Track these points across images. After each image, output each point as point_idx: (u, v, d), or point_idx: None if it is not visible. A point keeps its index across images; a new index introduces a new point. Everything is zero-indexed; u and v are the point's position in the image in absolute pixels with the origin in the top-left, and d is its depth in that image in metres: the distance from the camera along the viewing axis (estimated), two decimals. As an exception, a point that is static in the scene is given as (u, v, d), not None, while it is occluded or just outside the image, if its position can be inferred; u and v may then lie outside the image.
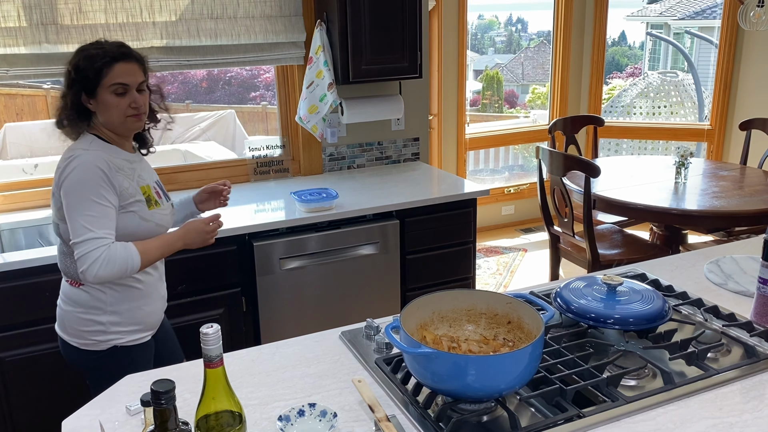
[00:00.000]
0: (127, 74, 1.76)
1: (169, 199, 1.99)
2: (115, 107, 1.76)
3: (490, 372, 1.25)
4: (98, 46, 1.77)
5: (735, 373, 1.43)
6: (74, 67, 1.76)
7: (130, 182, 1.80)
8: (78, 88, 1.76)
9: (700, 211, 3.21)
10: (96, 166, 1.73)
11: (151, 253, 1.79)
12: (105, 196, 1.73)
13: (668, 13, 11.98)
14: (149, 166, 1.97)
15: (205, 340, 1.03)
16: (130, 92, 1.77)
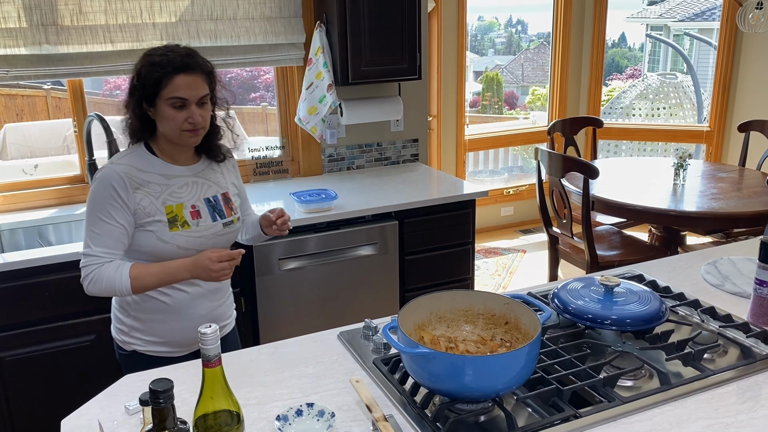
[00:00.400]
0: (187, 88, 1.67)
1: (222, 218, 1.83)
2: (171, 120, 1.69)
3: (487, 372, 1.26)
4: (164, 53, 1.69)
5: (731, 374, 1.44)
6: (137, 73, 1.71)
7: (152, 200, 1.72)
8: (138, 96, 1.70)
9: (699, 212, 3.22)
10: (110, 183, 1.69)
11: (146, 280, 1.70)
12: (111, 215, 1.68)
13: (668, 15, 12.00)
14: (210, 181, 1.84)
15: (204, 340, 1.03)
16: (188, 107, 1.68)
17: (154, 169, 1.75)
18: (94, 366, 2.38)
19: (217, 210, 1.83)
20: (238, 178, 1.98)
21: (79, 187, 2.83)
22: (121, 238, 1.70)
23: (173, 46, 1.73)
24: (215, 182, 1.85)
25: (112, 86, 8.08)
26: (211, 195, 1.83)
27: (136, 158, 1.75)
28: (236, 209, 1.90)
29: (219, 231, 1.83)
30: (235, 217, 1.88)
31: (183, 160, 1.81)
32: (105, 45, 2.65)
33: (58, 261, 2.25)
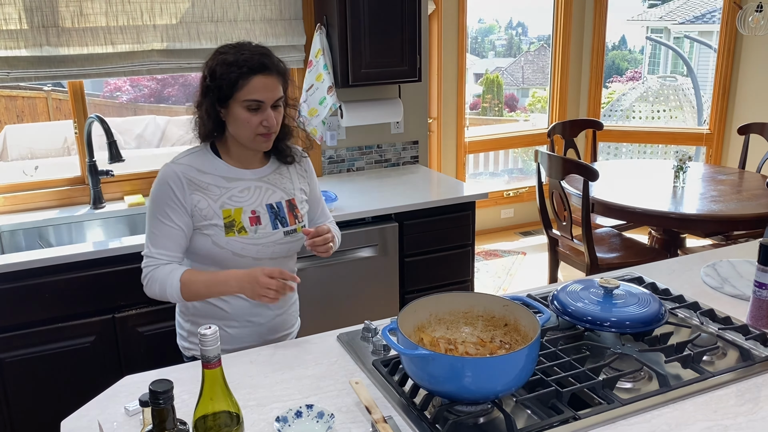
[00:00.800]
0: (264, 89, 1.61)
1: (284, 225, 1.75)
2: (245, 123, 1.63)
3: (486, 374, 1.26)
4: (239, 51, 1.62)
5: (730, 376, 1.44)
6: (210, 72, 1.63)
7: (210, 203, 1.67)
8: (212, 97, 1.63)
9: (698, 215, 3.23)
10: (167, 183, 1.65)
11: (196, 287, 1.64)
12: (170, 215, 1.65)
13: (668, 18, 12.01)
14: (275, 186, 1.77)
15: (203, 341, 1.04)
16: (264, 109, 1.63)
17: (215, 171, 1.70)
18: (94, 367, 2.38)
19: (280, 217, 1.75)
20: (310, 183, 1.89)
21: (79, 189, 2.83)
22: (179, 240, 1.67)
23: (246, 44, 1.66)
24: (281, 188, 1.78)
25: (113, 88, 8.11)
26: (274, 201, 1.75)
27: (198, 158, 1.70)
28: (302, 217, 1.80)
29: (279, 239, 1.75)
30: (299, 226, 1.78)
31: (250, 162, 1.75)
32: (105, 47, 2.65)
33: (58, 262, 2.25)
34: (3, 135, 5.27)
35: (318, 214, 1.95)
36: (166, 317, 2.45)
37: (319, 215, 1.95)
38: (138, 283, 2.36)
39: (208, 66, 1.65)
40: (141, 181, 2.92)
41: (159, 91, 8.36)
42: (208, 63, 1.65)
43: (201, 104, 1.66)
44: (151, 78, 8.33)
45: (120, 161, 2.61)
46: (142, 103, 7.97)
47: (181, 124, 5.90)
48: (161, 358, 2.43)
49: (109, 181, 2.84)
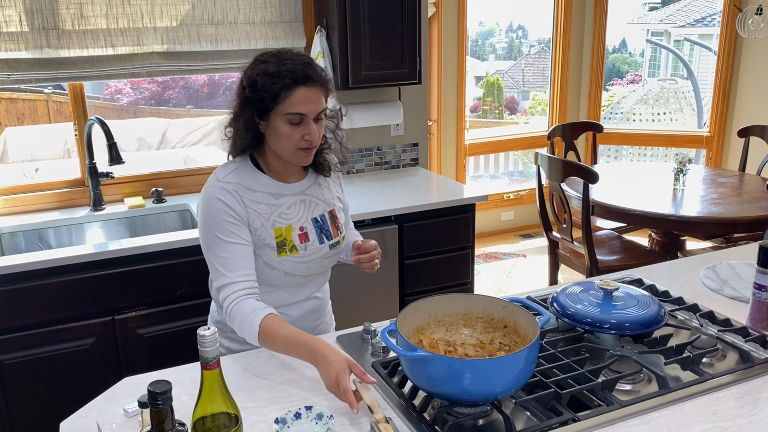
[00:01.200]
0: (307, 102, 1.52)
1: (329, 239, 1.70)
2: (286, 138, 1.54)
3: (485, 376, 1.26)
4: (281, 61, 1.52)
5: (729, 378, 1.44)
6: (250, 83, 1.53)
7: (263, 222, 1.60)
8: (252, 109, 1.54)
9: (699, 217, 3.23)
10: (219, 199, 1.54)
11: (274, 341, 1.47)
12: (233, 232, 1.54)
13: (669, 21, 12.01)
14: (317, 199, 1.71)
15: (202, 342, 1.04)
16: (306, 122, 1.54)
17: (263, 188, 1.61)
18: (94, 369, 2.38)
19: (324, 231, 1.70)
20: (343, 192, 1.85)
21: (79, 191, 2.84)
22: (250, 255, 1.56)
23: (288, 52, 1.56)
24: (322, 199, 1.72)
25: (114, 90, 8.12)
26: (318, 214, 1.70)
27: (242, 175, 1.60)
28: (341, 227, 1.76)
29: (326, 254, 1.70)
30: (341, 237, 1.74)
31: (290, 176, 1.68)
32: (106, 49, 2.66)
33: (57, 264, 2.25)
34: (3, 137, 5.27)
35: (344, 222, 1.89)
36: (165, 319, 2.45)
37: (345, 222, 1.90)
38: (137, 284, 2.38)
39: (247, 76, 1.55)
40: (141, 183, 2.92)
41: (160, 94, 8.37)
42: (247, 72, 1.55)
43: (239, 117, 1.57)
44: (151, 81, 8.33)
45: (120, 163, 2.61)
46: (143, 105, 7.98)
47: (182, 127, 5.91)
48: (161, 359, 2.44)
49: (109, 183, 2.84)
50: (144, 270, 2.38)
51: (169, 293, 2.44)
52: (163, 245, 2.37)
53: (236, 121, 1.58)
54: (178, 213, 2.86)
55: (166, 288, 2.43)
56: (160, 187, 2.89)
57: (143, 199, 2.87)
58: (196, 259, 2.46)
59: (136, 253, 2.35)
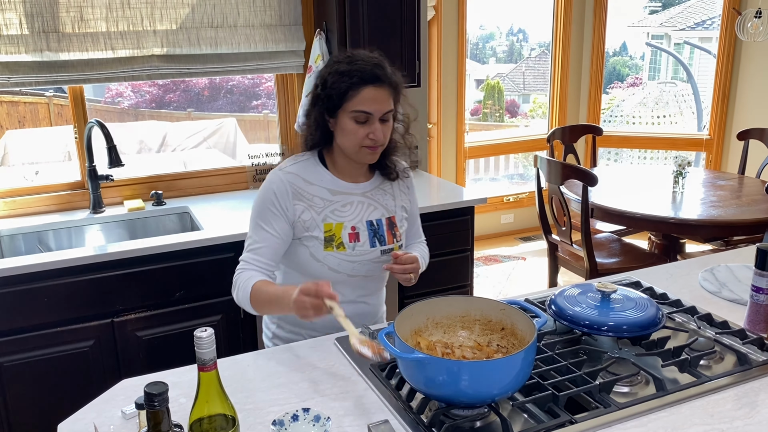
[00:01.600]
0: (373, 101, 1.57)
1: (382, 244, 1.73)
2: (351, 135, 1.60)
3: (482, 378, 1.26)
4: (353, 61, 1.59)
5: (727, 380, 1.44)
6: (322, 82, 1.61)
7: (313, 215, 1.66)
8: (322, 106, 1.61)
9: (698, 220, 3.23)
10: (272, 189, 1.65)
11: (262, 298, 1.59)
12: (270, 221, 1.65)
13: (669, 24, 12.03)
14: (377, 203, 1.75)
15: (199, 344, 1.04)
16: (371, 122, 1.59)
17: (321, 183, 1.68)
18: (93, 371, 2.38)
19: (378, 235, 1.72)
20: (411, 201, 1.87)
21: (79, 193, 2.84)
22: (276, 248, 1.66)
23: (362, 54, 1.62)
24: (383, 204, 1.75)
25: (114, 94, 8.13)
26: (375, 218, 1.73)
27: (305, 168, 1.68)
28: (400, 236, 1.77)
29: (375, 258, 1.72)
30: (397, 245, 1.75)
31: (355, 176, 1.73)
32: (106, 52, 2.67)
33: (57, 267, 2.25)
34: (4, 140, 5.28)
35: (412, 233, 1.91)
36: (164, 321, 2.45)
37: (414, 234, 1.92)
38: (136, 287, 2.38)
39: (321, 75, 1.63)
40: (141, 186, 2.93)
41: (160, 97, 8.39)
42: (322, 72, 1.64)
43: (310, 113, 1.66)
44: (152, 84, 8.35)
45: (120, 166, 2.61)
46: (144, 108, 7.99)
47: (182, 130, 5.92)
48: (160, 362, 2.44)
49: (108, 185, 2.85)
50: (143, 272, 2.39)
51: (169, 296, 2.45)
52: (163, 248, 2.38)
53: (308, 117, 1.68)
54: (177, 215, 2.87)
55: (165, 290, 2.44)
56: (159, 190, 2.89)
57: (143, 201, 2.87)
58: (196, 262, 2.46)
59: (135, 256, 2.35)
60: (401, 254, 1.68)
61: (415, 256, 1.71)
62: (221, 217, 2.69)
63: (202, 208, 2.83)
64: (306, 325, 1.76)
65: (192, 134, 5.79)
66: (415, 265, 1.69)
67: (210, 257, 2.47)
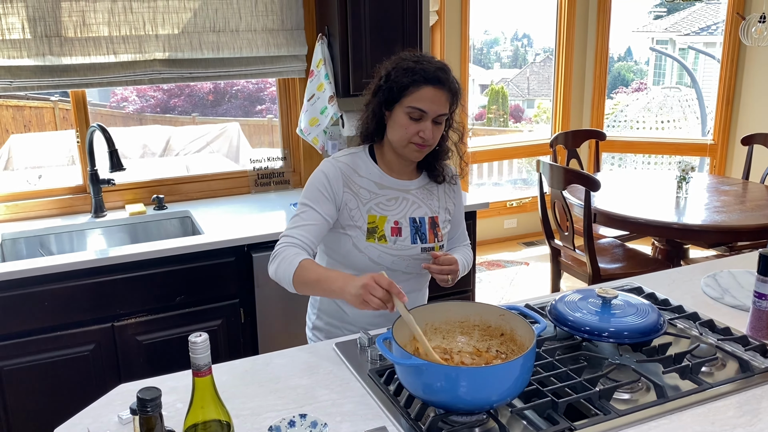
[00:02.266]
0: (431, 101, 1.62)
1: (423, 242, 1.74)
2: (402, 129, 1.65)
3: (481, 384, 1.25)
4: (419, 61, 1.65)
5: (729, 387, 1.43)
6: (386, 74, 1.67)
7: (359, 205, 1.71)
8: (381, 97, 1.67)
9: (701, 225, 3.21)
10: (324, 172, 1.72)
11: (308, 275, 1.58)
12: (318, 201, 1.69)
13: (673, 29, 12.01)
14: (421, 201, 1.77)
15: (194, 349, 1.03)
16: (424, 120, 1.64)
17: (369, 176, 1.74)
18: (93, 376, 2.38)
19: (420, 233, 1.75)
20: (456, 204, 1.88)
21: (80, 197, 2.84)
22: (321, 229, 1.69)
23: (428, 56, 1.69)
24: (427, 203, 1.79)
25: (120, 98, 8.15)
26: (418, 215, 1.76)
27: (356, 160, 1.75)
28: (442, 237, 1.79)
29: (416, 254, 1.74)
30: (437, 245, 1.77)
31: (402, 172, 1.77)
32: (108, 56, 2.67)
33: (57, 270, 2.25)
34: (8, 145, 5.30)
35: (456, 236, 1.93)
36: (165, 326, 2.45)
37: (458, 237, 1.94)
38: (137, 291, 2.38)
39: (384, 68, 1.69)
40: (142, 190, 2.93)
41: (165, 102, 8.41)
42: (386, 65, 1.69)
43: (369, 103, 1.72)
44: (157, 88, 8.37)
45: (121, 170, 2.61)
46: (149, 113, 8.02)
47: (185, 134, 5.93)
48: (160, 366, 2.43)
49: (110, 189, 2.85)
50: (144, 277, 2.38)
51: (169, 300, 2.44)
52: (163, 252, 2.37)
53: (366, 107, 1.73)
54: (178, 220, 2.86)
55: (165, 295, 2.43)
56: (161, 194, 2.89)
57: (144, 206, 2.87)
58: (196, 266, 2.46)
59: (135, 260, 2.35)
60: (441, 254, 1.71)
61: (454, 258, 1.73)
62: (222, 222, 2.69)
63: (203, 212, 2.83)
64: (344, 318, 1.81)
65: (195, 138, 5.80)
66: (453, 267, 1.71)
67: (211, 261, 2.47)
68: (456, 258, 1.75)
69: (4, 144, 5.30)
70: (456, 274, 1.75)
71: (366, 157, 1.77)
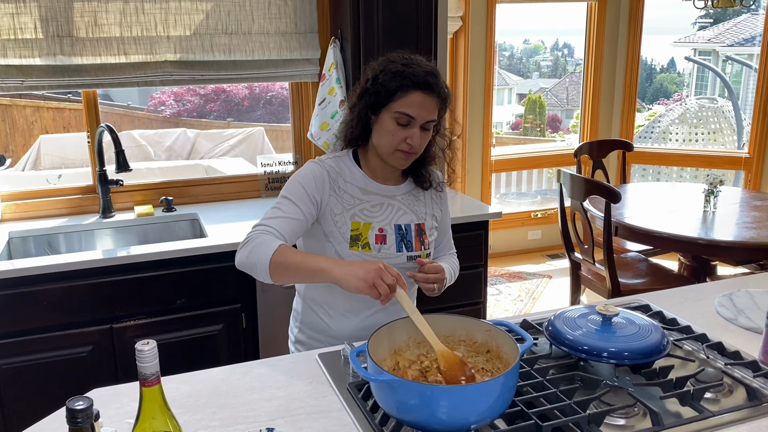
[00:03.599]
0: (419, 107, 1.56)
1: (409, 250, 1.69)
2: (389, 135, 1.58)
3: (458, 403, 1.17)
4: (407, 64, 1.58)
5: (734, 416, 1.32)
6: (373, 77, 1.61)
7: (342, 210, 1.64)
8: (367, 101, 1.61)
9: (729, 242, 3.06)
10: (311, 171, 1.64)
11: (292, 256, 1.49)
12: (299, 198, 1.60)
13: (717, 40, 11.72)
14: (407, 207, 1.71)
15: (141, 357, 0.98)
16: (412, 126, 1.57)
17: (353, 181, 1.68)
18: (91, 377, 2.36)
19: (406, 240, 1.69)
20: (443, 211, 1.83)
21: (90, 198, 2.84)
22: (298, 225, 1.59)
23: (416, 58, 1.62)
24: (413, 210, 1.72)
25: (157, 102, 8.27)
26: (404, 223, 1.69)
27: (340, 164, 1.68)
28: (429, 244, 1.73)
29: (401, 263, 1.68)
30: (424, 253, 1.71)
31: (387, 178, 1.71)
32: (119, 57, 2.67)
33: (57, 270, 2.24)
34: (37, 144, 5.40)
35: (443, 245, 1.87)
36: (163, 329, 2.42)
37: (444, 245, 1.88)
38: (137, 293, 2.36)
39: (372, 69, 1.63)
40: (152, 192, 2.92)
41: (201, 106, 8.50)
42: (373, 66, 1.63)
43: (354, 106, 1.66)
44: (194, 93, 8.47)
45: (127, 171, 2.60)
46: (185, 117, 8.12)
47: (211, 138, 5.95)
48: (158, 370, 2.40)
49: (120, 190, 2.85)
50: (143, 279, 2.36)
51: (169, 303, 2.41)
52: (163, 254, 2.35)
53: (351, 110, 1.67)
54: (186, 222, 2.84)
55: (165, 298, 2.40)
56: (170, 196, 2.88)
57: (153, 207, 2.86)
58: (198, 269, 2.43)
59: (135, 262, 2.33)
60: (427, 262, 1.63)
61: (440, 266, 1.65)
62: (228, 225, 2.65)
63: (211, 215, 2.80)
64: (327, 332, 1.74)
65: (220, 142, 5.82)
66: (439, 275, 1.63)
67: (212, 265, 2.43)
68: (443, 266, 1.67)
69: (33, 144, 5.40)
70: (443, 282, 1.67)
71: (350, 161, 1.71)
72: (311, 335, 1.77)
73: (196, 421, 1.32)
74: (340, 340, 1.71)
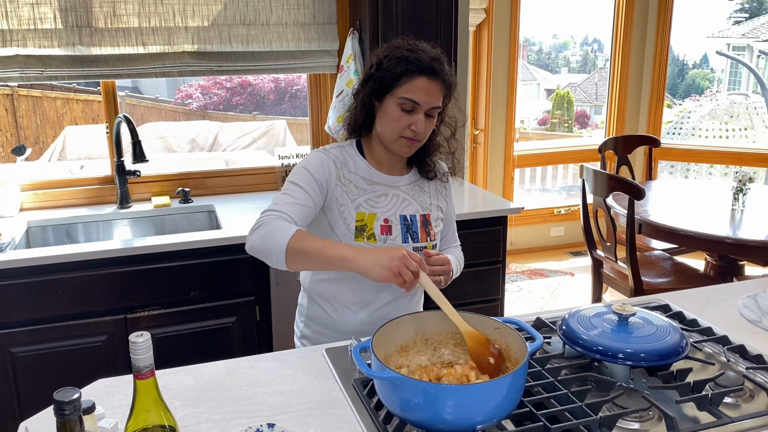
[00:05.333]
0: (424, 92, 1.54)
1: (414, 240, 1.66)
2: (393, 121, 1.56)
3: (463, 403, 1.14)
4: (413, 50, 1.55)
5: (754, 423, 1.26)
6: (377, 62, 1.58)
7: (347, 200, 1.61)
8: (371, 87, 1.58)
9: (758, 241, 2.97)
10: (318, 158, 1.60)
11: (311, 241, 1.45)
12: (310, 184, 1.56)
13: (752, 35, 11.43)
14: (412, 198, 1.68)
15: (134, 350, 0.96)
16: (417, 112, 1.55)
17: (358, 171, 1.65)
18: (105, 367, 2.36)
19: (411, 231, 1.66)
20: (448, 203, 1.80)
21: (108, 188, 2.85)
22: (308, 212, 1.56)
23: (421, 44, 1.59)
24: (418, 201, 1.69)
25: (184, 95, 8.33)
26: (409, 213, 1.67)
27: (344, 154, 1.66)
28: (434, 235, 1.70)
29: None
30: (430, 244, 1.68)
31: (391, 168, 1.68)
32: (137, 47, 2.67)
33: (72, 260, 2.25)
34: (63, 135, 5.46)
35: (447, 237, 1.84)
36: (177, 321, 2.41)
37: (448, 238, 1.85)
38: (151, 284, 2.35)
39: (377, 55, 1.60)
40: (170, 183, 2.92)
41: (228, 99, 8.54)
42: (378, 53, 1.60)
43: (358, 93, 1.63)
44: (220, 86, 8.50)
45: (144, 161, 2.60)
46: (212, 110, 8.16)
47: (233, 130, 5.97)
48: (171, 361, 2.39)
49: (138, 181, 2.85)
50: (158, 270, 2.36)
51: (184, 294, 2.41)
52: (178, 245, 2.34)
53: (355, 96, 1.64)
54: (203, 214, 2.84)
55: (180, 289, 2.40)
56: (187, 188, 2.87)
57: (170, 198, 2.86)
58: (212, 261, 2.42)
59: (150, 252, 2.32)
60: (433, 254, 1.59)
61: (447, 258, 1.61)
62: (244, 217, 2.64)
63: (227, 207, 2.80)
64: (333, 326, 1.71)
65: (243, 134, 5.83)
66: (445, 267, 1.59)
67: (227, 257, 2.42)
68: (449, 258, 1.63)
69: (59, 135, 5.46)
70: (449, 275, 1.63)
71: (354, 151, 1.68)
72: (317, 330, 1.74)
73: (198, 414, 1.30)
74: (347, 335, 1.68)
